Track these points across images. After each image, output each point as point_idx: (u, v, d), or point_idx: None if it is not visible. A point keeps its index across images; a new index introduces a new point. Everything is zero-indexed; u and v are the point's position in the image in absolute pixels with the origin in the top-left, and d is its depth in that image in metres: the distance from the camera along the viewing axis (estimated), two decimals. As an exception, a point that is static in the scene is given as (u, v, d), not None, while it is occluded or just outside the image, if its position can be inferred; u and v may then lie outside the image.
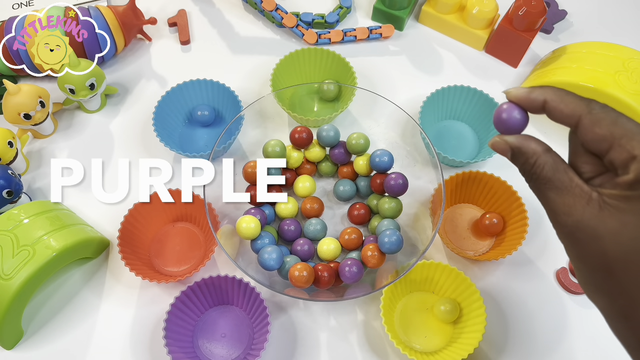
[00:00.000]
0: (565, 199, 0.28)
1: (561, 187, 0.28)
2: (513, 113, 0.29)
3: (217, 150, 0.50)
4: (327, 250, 0.48)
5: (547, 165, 0.29)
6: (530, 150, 0.29)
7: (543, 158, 0.29)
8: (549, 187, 0.28)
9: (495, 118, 0.30)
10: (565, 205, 0.27)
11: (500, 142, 0.30)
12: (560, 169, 0.28)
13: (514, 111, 0.29)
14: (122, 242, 0.48)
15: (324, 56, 0.59)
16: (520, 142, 0.30)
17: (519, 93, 0.29)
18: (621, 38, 0.58)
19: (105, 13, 0.58)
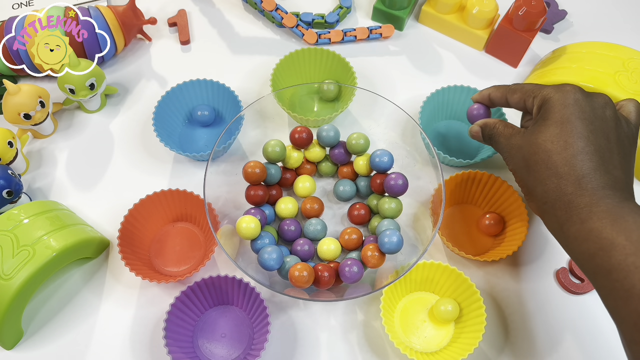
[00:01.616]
0: (508, 139, 0.43)
1: (507, 134, 0.43)
2: (480, 110, 0.48)
3: (217, 150, 0.50)
4: (327, 250, 0.48)
5: (500, 125, 0.44)
6: (490, 122, 0.45)
7: (497, 123, 0.44)
8: (501, 137, 0.43)
9: (468, 115, 0.48)
10: (507, 140, 0.43)
11: (474, 127, 0.47)
12: (508, 125, 0.44)
13: (480, 108, 0.48)
14: (122, 242, 0.48)
15: (324, 56, 0.59)
16: (484, 121, 0.46)
17: (477, 95, 0.48)
18: (621, 38, 0.58)
19: (105, 13, 0.58)
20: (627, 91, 0.50)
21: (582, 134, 0.38)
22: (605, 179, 0.37)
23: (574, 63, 0.55)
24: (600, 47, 0.55)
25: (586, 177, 0.37)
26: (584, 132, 0.38)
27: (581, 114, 0.38)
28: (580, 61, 0.54)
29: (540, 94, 0.41)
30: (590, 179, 0.36)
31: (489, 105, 0.47)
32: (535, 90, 0.42)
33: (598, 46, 0.55)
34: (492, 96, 0.46)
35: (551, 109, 0.39)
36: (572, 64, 0.55)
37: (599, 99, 0.40)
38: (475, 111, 0.47)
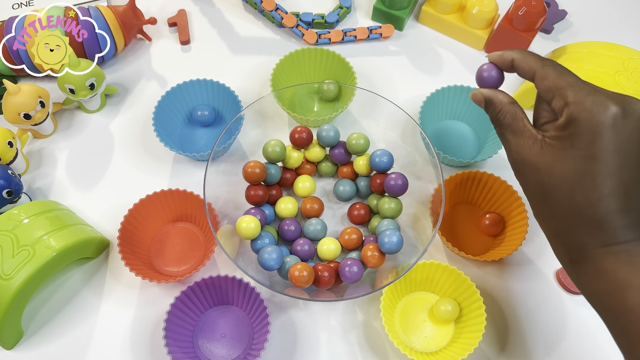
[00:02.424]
0: (518, 140, 0.35)
1: (516, 131, 0.35)
2: (491, 72, 0.37)
3: (217, 150, 0.50)
4: (327, 250, 0.48)
5: (509, 114, 0.36)
6: (498, 100, 0.36)
7: (506, 108, 0.36)
8: (508, 131, 0.36)
9: (477, 76, 0.38)
10: (517, 145, 0.35)
11: (478, 93, 0.37)
12: (517, 117, 0.36)
13: (492, 70, 0.37)
14: (122, 242, 0.48)
15: (324, 56, 0.59)
16: (492, 94, 0.37)
17: (495, 55, 0.37)
18: (621, 38, 0.58)
19: (105, 13, 0.58)
20: (627, 91, 0.50)
21: (613, 171, 0.31)
22: (628, 218, 0.32)
23: (574, 63, 0.55)
24: (600, 47, 0.55)
25: (609, 219, 0.32)
26: (616, 168, 0.31)
27: (616, 144, 0.31)
28: (580, 61, 0.54)
29: (574, 104, 0.32)
30: (613, 220, 0.32)
31: (507, 70, 0.37)
32: (569, 92, 0.32)
33: (598, 46, 0.55)
34: (517, 64, 0.35)
35: (581, 134, 0.31)
36: (572, 64, 0.55)
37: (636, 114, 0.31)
38: (486, 73, 0.37)
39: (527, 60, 0.35)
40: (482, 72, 0.38)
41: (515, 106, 0.36)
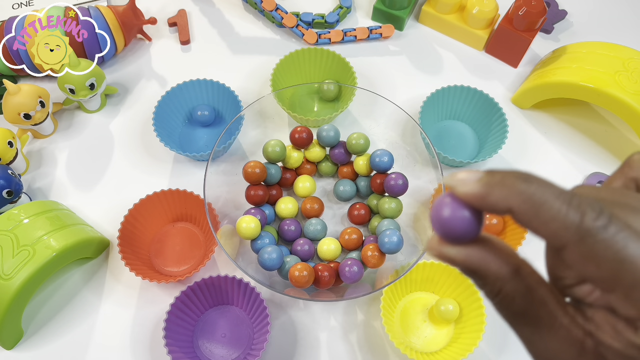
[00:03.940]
0: (546, 341, 0.19)
1: (539, 325, 0.19)
2: (459, 213, 0.19)
3: (217, 150, 0.50)
4: (327, 250, 0.48)
5: (518, 297, 0.19)
6: (490, 274, 0.19)
7: (510, 286, 0.19)
8: (522, 323, 0.20)
9: (434, 215, 0.19)
10: (547, 350, 0.19)
11: (440, 253, 0.19)
12: (536, 300, 0.19)
13: (461, 211, 0.19)
14: (122, 242, 0.48)
15: (324, 56, 0.59)
16: (473, 261, 0.19)
17: (470, 190, 0.18)
18: (621, 38, 0.58)
19: (105, 13, 0.58)
20: (627, 91, 0.50)
21: None
22: None
23: (574, 63, 0.55)
24: (600, 47, 0.55)
25: None
26: None
27: None
28: (580, 61, 0.54)
29: None
30: None
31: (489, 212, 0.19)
32: None
33: (598, 46, 0.55)
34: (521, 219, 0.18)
35: None
36: (572, 64, 0.55)
37: None
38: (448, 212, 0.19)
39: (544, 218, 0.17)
40: (442, 209, 0.19)
41: (526, 278, 0.19)
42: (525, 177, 0.18)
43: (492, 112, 0.55)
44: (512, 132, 0.56)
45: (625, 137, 0.58)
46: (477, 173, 0.18)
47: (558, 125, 0.59)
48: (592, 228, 0.16)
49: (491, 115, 0.56)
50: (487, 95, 0.55)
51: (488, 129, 0.56)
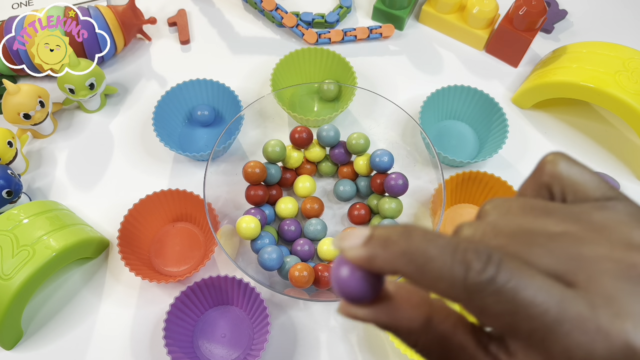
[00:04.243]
0: None
1: None
2: (354, 275, 0.18)
3: (217, 150, 0.50)
4: (327, 250, 0.48)
5: (434, 346, 0.18)
6: (402, 330, 0.18)
7: (424, 338, 0.18)
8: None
9: (332, 277, 0.18)
10: None
11: (348, 314, 0.18)
12: (454, 346, 0.18)
13: (355, 273, 0.18)
14: (122, 242, 0.47)
15: (324, 56, 0.59)
16: (382, 320, 0.18)
17: (356, 255, 0.17)
18: (621, 38, 0.57)
19: (105, 13, 0.58)
20: (627, 91, 0.50)
21: None
22: None
23: (574, 63, 0.55)
24: (600, 47, 0.55)
25: None
26: None
27: None
28: (580, 61, 0.54)
29: None
30: None
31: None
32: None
33: (598, 46, 0.55)
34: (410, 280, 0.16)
35: None
36: (572, 64, 0.55)
37: None
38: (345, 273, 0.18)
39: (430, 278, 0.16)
40: (336, 273, 0.18)
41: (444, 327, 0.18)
42: (408, 232, 0.16)
43: (492, 112, 0.55)
44: (512, 132, 0.55)
45: (625, 137, 0.58)
46: (362, 235, 0.17)
47: (558, 125, 0.59)
48: (477, 283, 0.15)
49: (491, 115, 0.56)
50: (487, 95, 0.55)
51: (488, 129, 0.56)
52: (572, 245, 0.16)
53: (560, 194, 0.19)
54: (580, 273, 0.15)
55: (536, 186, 0.19)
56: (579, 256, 0.15)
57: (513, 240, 0.16)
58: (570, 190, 0.18)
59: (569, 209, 0.17)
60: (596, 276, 0.15)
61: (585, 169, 0.18)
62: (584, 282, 0.15)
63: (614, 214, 0.17)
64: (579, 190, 0.18)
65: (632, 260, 0.15)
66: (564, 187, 0.18)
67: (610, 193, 0.18)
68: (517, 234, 0.17)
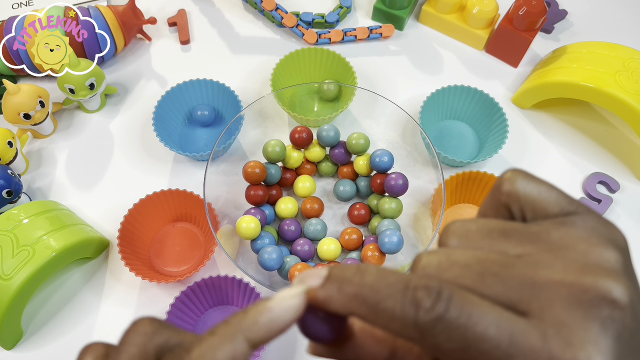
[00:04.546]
0: None
1: None
2: (314, 316, 0.18)
3: (217, 150, 0.50)
4: (327, 250, 0.48)
5: None
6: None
7: None
8: None
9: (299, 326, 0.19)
10: None
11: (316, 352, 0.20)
12: None
13: (315, 313, 0.18)
14: (122, 242, 0.47)
15: (324, 56, 0.59)
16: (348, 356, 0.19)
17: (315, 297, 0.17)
18: (621, 38, 0.57)
19: (105, 13, 0.58)
20: (627, 91, 0.50)
21: None
22: None
23: (574, 63, 0.55)
24: (600, 47, 0.55)
25: None
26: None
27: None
28: (580, 61, 0.54)
29: None
30: None
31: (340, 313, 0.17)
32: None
33: (598, 46, 0.55)
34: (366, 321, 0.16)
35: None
36: (572, 64, 0.55)
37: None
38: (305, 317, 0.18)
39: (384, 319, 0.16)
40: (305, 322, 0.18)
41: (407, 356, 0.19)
42: (360, 271, 0.16)
43: (492, 112, 0.55)
44: (512, 132, 0.55)
45: (625, 137, 0.58)
46: (320, 275, 0.17)
47: (558, 125, 0.59)
48: (428, 322, 0.15)
49: (491, 115, 0.56)
50: (487, 95, 0.55)
51: (488, 129, 0.56)
52: (527, 270, 0.16)
53: (520, 213, 0.18)
54: (533, 301, 0.15)
55: (495, 206, 0.19)
56: (532, 283, 0.15)
57: (466, 270, 0.16)
58: (529, 208, 0.18)
59: (528, 229, 0.17)
60: (549, 303, 0.15)
61: (542, 184, 0.18)
62: (537, 310, 0.15)
63: (573, 231, 0.16)
64: (538, 207, 0.18)
65: (585, 284, 0.15)
66: (522, 205, 0.18)
67: (569, 207, 0.17)
68: (470, 264, 0.16)
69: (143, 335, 0.18)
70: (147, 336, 0.18)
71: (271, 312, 0.17)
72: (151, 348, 0.18)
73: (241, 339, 0.17)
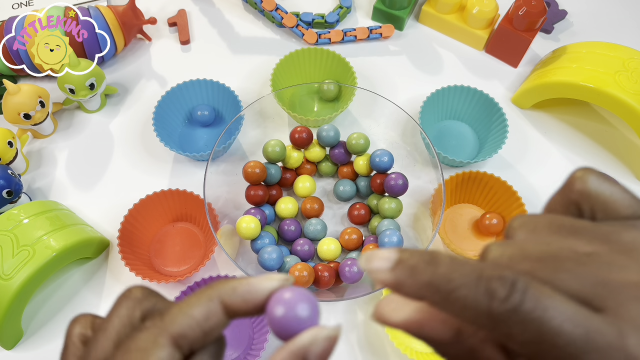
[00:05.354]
0: None
1: None
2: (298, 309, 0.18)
3: (217, 150, 0.50)
4: (327, 250, 0.48)
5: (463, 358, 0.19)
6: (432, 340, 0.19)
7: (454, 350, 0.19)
8: None
9: (268, 317, 0.18)
10: None
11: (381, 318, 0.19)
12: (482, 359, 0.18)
13: (299, 304, 0.18)
14: (122, 242, 0.47)
15: (324, 56, 0.59)
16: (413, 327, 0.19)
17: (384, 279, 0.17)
18: (621, 38, 0.58)
19: (105, 13, 0.58)
20: (627, 91, 0.50)
21: None
22: None
23: (574, 63, 0.55)
24: (600, 47, 0.55)
25: None
26: None
27: None
28: (580, 61, 0.54)
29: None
30: None
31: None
32: None
33: (598, 46, 0.55)
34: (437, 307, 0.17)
35: None
36: (572, 64, 0.55)
37: None
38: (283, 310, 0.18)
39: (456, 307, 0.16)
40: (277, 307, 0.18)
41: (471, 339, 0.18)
42: (433, 259, 0.16)
43: (492, 112, 0.55)
44: (512, 132, 0.56)
45: (625, 137, 0.58)
46: (389, 258, 0.17)
47: (558, 125, 0.59)
48: (502, 313, 0.15)
49: (491, 115, 0.56)
50: (487, 95, 0.55)
51: (488, 129, 0.56)
52: (601, 269, 0.16)
53: (590, 212, 0.18)
54: (609, 299, 0.15)
55: (565, 203, 0.19)
56: (607, 281, 0.15)
57: (540, 264, 0.16)
58: (600, 208, 0.18)
59: (598, 228, 0.17)
60: (625, 302, 0.15)
61: (616, 185, 0.18)
62: (613, 309, 0.15)
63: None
64: (609, 208, 0.18)
65: None
66: (594, 204, 0.18)
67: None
68: (544, 258, 0.16)
69: (133, 300, 0.20)
70: (137, 300, 0.20)
71: (250, 286, 0.19)
72: (138, 311, 0.19)
73: (217, 302, 0.19)
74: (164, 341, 0.18)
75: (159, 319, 0.18)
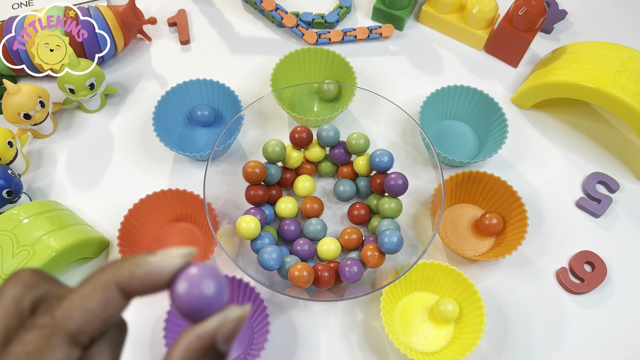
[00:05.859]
0: None
1: None
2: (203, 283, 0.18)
3: (217, 150, 0.50)
4: (327, 250, 0.48)
5: None
6: None
7: None
8: None
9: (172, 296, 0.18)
10: None
11: None
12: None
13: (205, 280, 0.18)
14: (122, 242, 0.48)
15: (324, 56, 0.59)
16: None
17: None
18: (621, 38, 0.58)
19: (105, 13, 0.58)
20: (627, 91, 0.50)
21: None
22: None
23: (574, 63, 0.55)
24: (600, 47, 0.55)
25: None
26: None
27: None
28: (580, 61, 0.54)
29: None
30: None
31: None
32: None
33: (598, 46, 0.55)
34: None
35: None
36: (572, 64, 0.55)
37: None
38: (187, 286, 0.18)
39: None
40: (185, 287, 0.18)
41: None
42: None
43: (492, 112, 0.55)
44: (512, 132, 0.56)
45: (625, 137, 0.58)
46: None
47: (558, 125, 0.59)
48: None
49: (491, 115, 0.56)
50: (487, 95, 0.55)
51: (488, 129, 0.56)
52: None
53: None
54: None
55: None
56: None
57: None
58: None
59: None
60: None
61: None
62: None
63: None
64: None
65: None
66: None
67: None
68: None
69: (21, 286, 0.18)
70: (26, 287, 0.18)
71: (150, 267, 0.17)
72: (27, 300, 0.17)
73: (114, 289, 0.17)
74: (59, 341, 0.16)
75: (50, 317, 0.16)
